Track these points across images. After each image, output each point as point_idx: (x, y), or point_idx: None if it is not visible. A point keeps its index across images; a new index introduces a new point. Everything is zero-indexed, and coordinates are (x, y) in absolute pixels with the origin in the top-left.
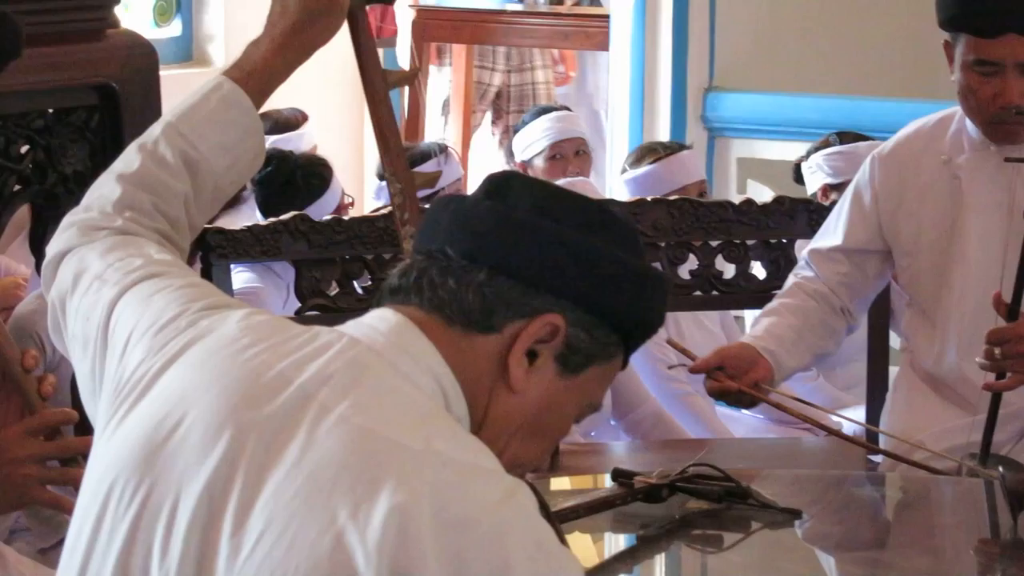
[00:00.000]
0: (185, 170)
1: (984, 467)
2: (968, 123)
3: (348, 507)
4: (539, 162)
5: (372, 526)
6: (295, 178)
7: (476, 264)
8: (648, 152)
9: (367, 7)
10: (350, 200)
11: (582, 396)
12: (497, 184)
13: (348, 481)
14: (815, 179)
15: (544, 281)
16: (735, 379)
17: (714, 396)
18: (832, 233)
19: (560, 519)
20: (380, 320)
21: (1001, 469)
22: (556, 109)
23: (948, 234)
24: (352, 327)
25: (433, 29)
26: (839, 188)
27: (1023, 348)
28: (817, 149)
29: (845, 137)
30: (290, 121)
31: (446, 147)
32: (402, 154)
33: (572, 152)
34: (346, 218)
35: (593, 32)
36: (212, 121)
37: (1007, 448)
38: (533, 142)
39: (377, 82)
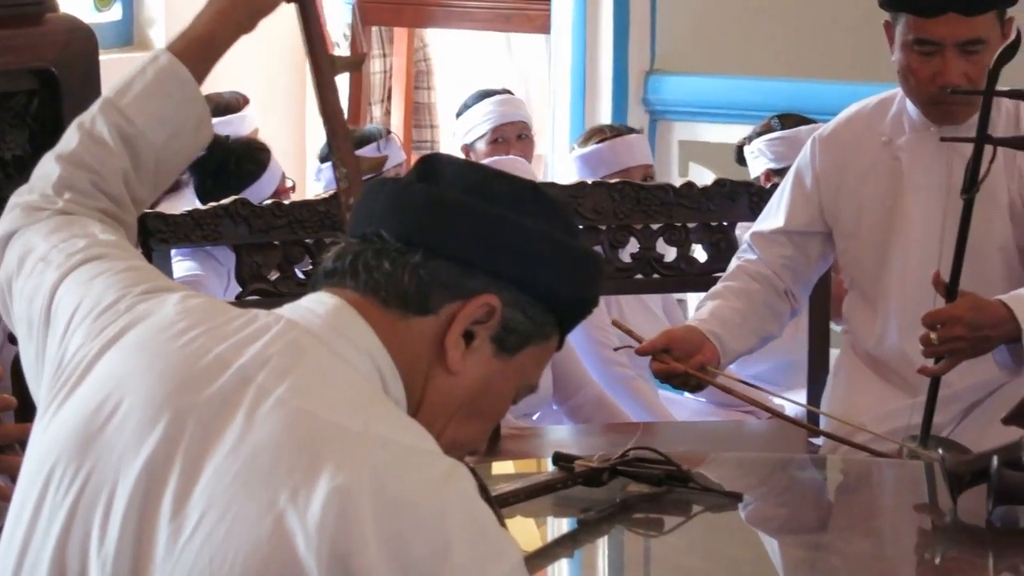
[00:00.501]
0: (122, 145)
1: (924, 449)
2: (908, 104)
3: (288, 489)
4: (481, 146)
5: (312, 508)
6: (228, 162)
7: (411, 246)
8: (597, 132)
9: None
10: (291, 184)
11: (519, 377)
12: (429, 166)
13: (287, 463)
14: (757, 164)
15: (479, 262)
16: (681, 361)
17: (660, 378)
18: (774, 216)
19: (501, 503)
20: (317, 303)
21: (941, 451)
22: (499, 92)
23: (888, 215)
24: (289, 310)
25: (376, 13)
26: (782, 173)
27: (958, 331)
28: (759, 133)
29: (787, 121)
30: (231, 104)
31: (388, 131)
32: (349, 139)
33: (514, 136)
34: (286, 202)
35: (534, 15)
36: (148, 94)
37: (947, 430)
38: (475, 126)
39: (325, 68)
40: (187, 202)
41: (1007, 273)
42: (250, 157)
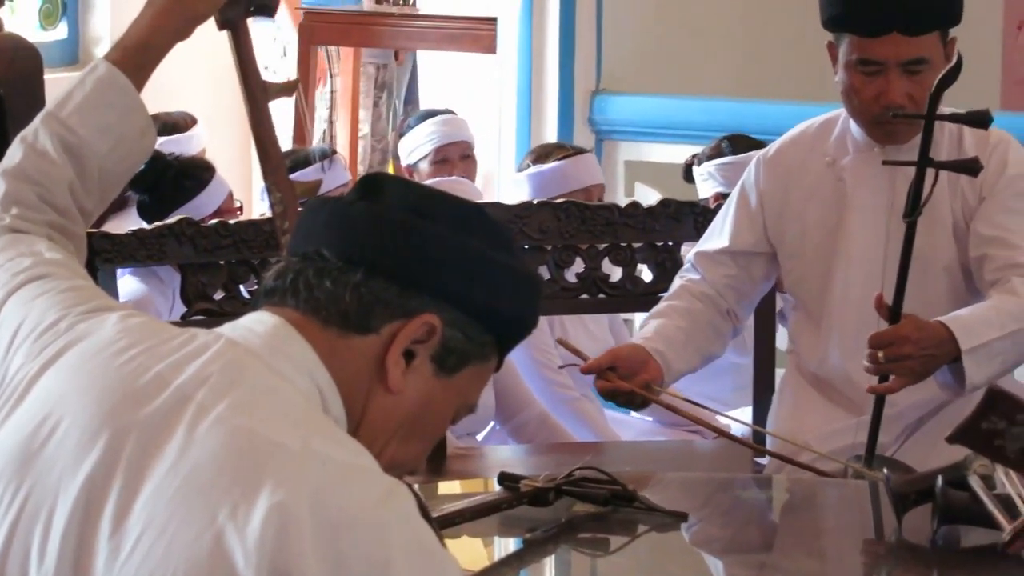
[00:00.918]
0: (66, 156)
1: (869, 468)
2: (852, 125)
3: (227, 507)
4: (424, 166)
5: (251, 525)
6: (166, 179)
7: (352, 265)
8: (556, 149)
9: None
10: (239, 205)
11: (458, 396)
12: (371, 185)
13: (227, 481)
14: (707, 186)
15: (420, 281)
16: (626, 379)
17: (605, 396)
18: (718, 235)
19: (447, 523)
20: (257, 322)
21: (886, 471)
22: (442, 113)
23: (832, 236)
24: (229, 329)
25: (321, 32)
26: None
27: (905, 350)
28: (710, 156)
29: (737, 144)
30: (178, 124)
31: (332, 151)
32: (282, 164)
33: (458, 156)
34: (231, 222)
35: (481, 35)
36: (89, 104)
37: (892, 450)
38: (418, 146)
39: (258, 94)
40: (134, 220)
41: (952, 292)
42: (188, 174)
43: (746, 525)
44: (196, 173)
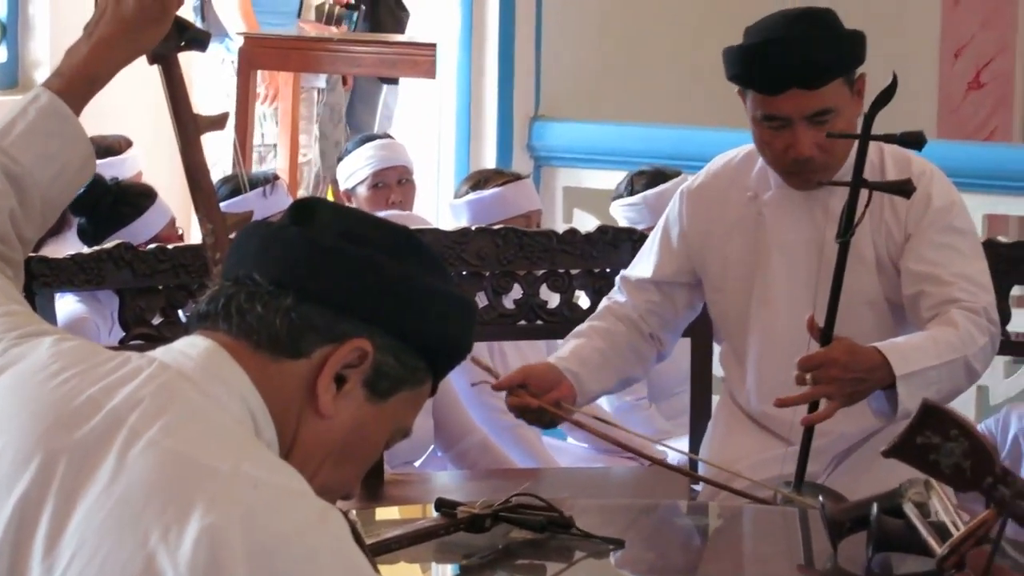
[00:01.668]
0: (8, 185)
1: (799, 495)
2: None
3: (159, 529)
4: (362, 190)
5: (183, 548)
6: (103, 203)
7: (283, 289)
8: (495, 175)
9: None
10: (180, 232)
11: (391, 421)
12: (303, 210)
13: (159, 504)
14: (624, 223)
15: (352, 306)
16: (537, 397)
17: (515, 412)
18: (643, 264)
19: (383, 549)
20: (190, 346)
21: (821, 498)
22: (380, 137)
23: (753, 271)
24: (162, 353)
25: (260, 57)
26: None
27: (833, 372)
28: (615, 197)
29: (637, 181)
30: (112, 147)
31: (276, 177)
32: (213, 195)
33: (395, 181)
34: (170, 247)
35: (420, 60)
36: (32, 133)
37: (821, 477)
38: (356, 170)
39: (189, 127)
40: (71, 244)
41: (878, 326)
42: (126, 200)
43: (682, 551)
44: (134, 199)
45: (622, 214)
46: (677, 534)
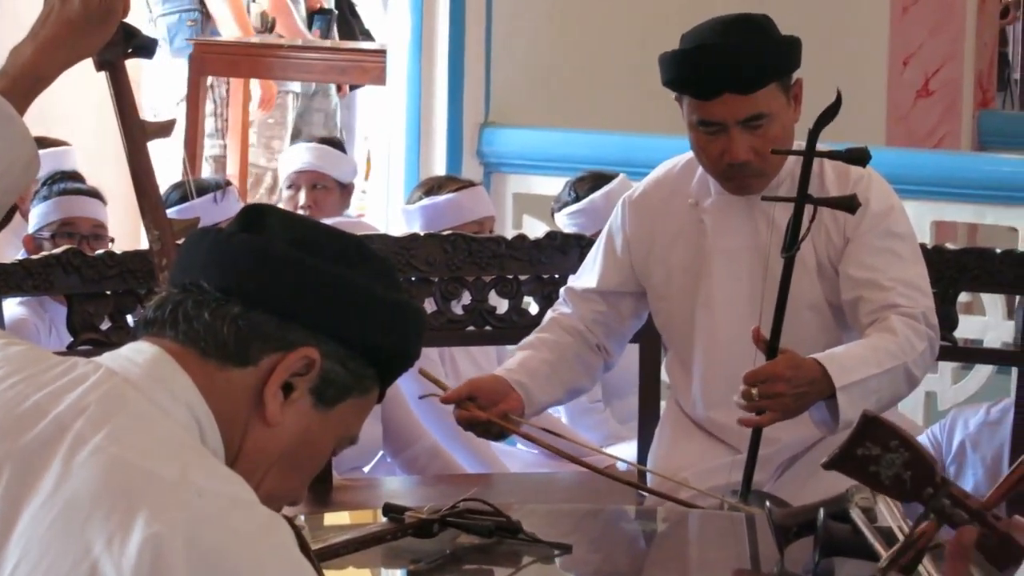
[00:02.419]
0: None
1: (745, 503)
2: None
3: (103, 537)
4: (285, 192)
5: (127, 556)
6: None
7: (231, 297)
8: (448, 181)
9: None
10: (111, 239)
11: (338, 429)
12: (253, 216)
13: (103, 511)
14: (569, 230)
15: (299, 314)
16: (485, 410)
17: (463, 426)
18: (588, 274)
19: (331, 555)
20: (136, 352)
21: (768, 504)
22: (314, 141)
23: (696, 278)
24: (109, 359)
25: (211, 64)
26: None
27: (779, 388)
28: (560, 206)
29: (581, 185)
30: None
31: (227, 183)
32: (159, 202)
33: (308, 185)
34: (119, 252)
35: (370, 67)
36: None
37: (767, 485)
38: (285, 172)
39: (136, 132)
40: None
41: (822, 331)
42: None
43: (629, 556)
44: None
45: (568, 223)
46: (624, 539)
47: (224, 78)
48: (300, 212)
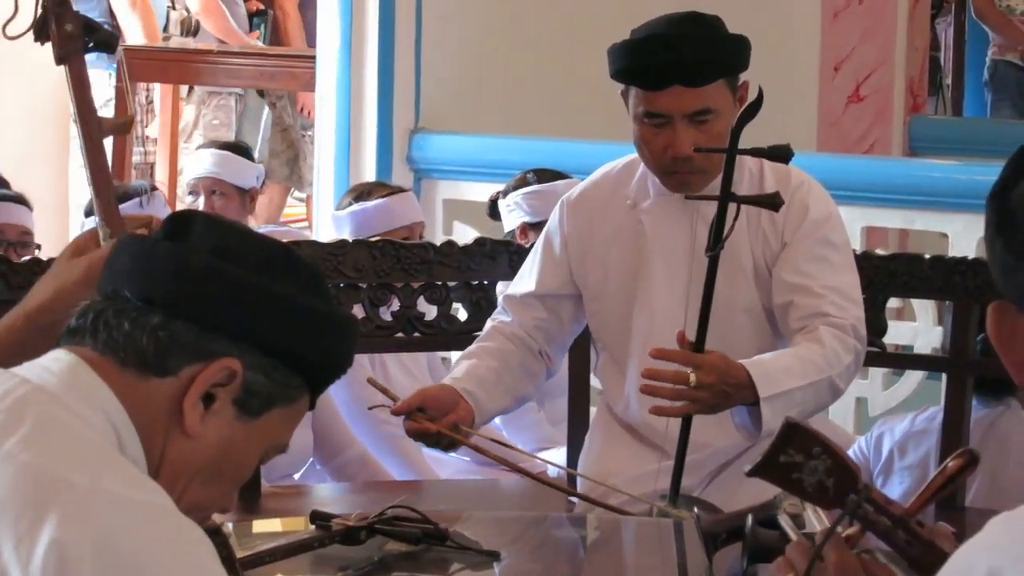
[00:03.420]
0: None
1: (675, 508)
2: None
3: (11, 542)
4: (189, 197)
5: (34, 563)
6: None
7: (152, 306)
8: (377, 187)
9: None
10: (38, 245)
11: (265, 439)
12: (178, 224)
13: (12, 516)
14: (513, 217)
15: (221, 325)
16: (435, 420)
17: (413, 437)
18: (526, 279)
19: (258, 562)
20: (54, 361)
21: (696, 510)
22: (223, 146)
23: (633, 279)
24: (25, 368)
25: (141, 69)
26: (537, 227)
27: (711, 378)
28: (516, 187)
29: (543, 175)
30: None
31: (153, 187)
32: (113, 200)
33: (207, 191)
34: (45, 259)
35: (299, 73)
36: None
37: (697, 490)
38: (188, 176)
39: (93, 129)
40: None
41: (755, 334)
42: None
43: (558, 563)
44: None
45: (521, 204)
46: (554, 546)
47: (144, 85)
48: None
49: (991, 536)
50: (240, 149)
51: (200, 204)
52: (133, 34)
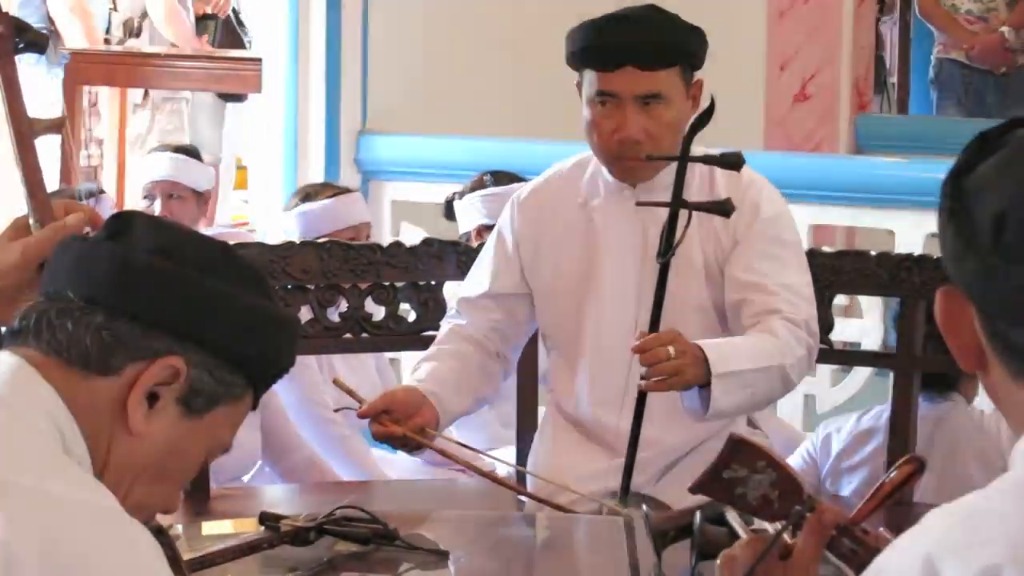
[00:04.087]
0: None
1: (625, 507)
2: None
3: None
4: (142, 203)
5: None
6: None
7: (95, 306)
8: (324, 187)
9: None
10: None
11: (209, 438)
12: (119, 224)
13: None
14: (470, 219)
15: (164, 323)
16: (401, 423)
17: (379, 440)
18: (480, 280)
19: (207, 563)
20: None
21: (645, 508)
22: (174, 149)
23: (584, 278)
24: None
25: (86, 73)
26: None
27: (685, 344)
28: (473, 188)
29: (500, 178)
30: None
31: (101, 190)
32: (48, 202)
33: (164, 195)
34: None
35: (246, 75)
36: None
37: (647, 488)
38: (141, 181)
39: (25, 130)
40: None
41: (706, 332)
42: None
43: (508, 563)
44: None
45: (478, 205)
46: (504, 545)
47: (89, 88)
48: None
49: (929, 527)
50: (194, 152)
51: (156, 208)
52: (74, 38)
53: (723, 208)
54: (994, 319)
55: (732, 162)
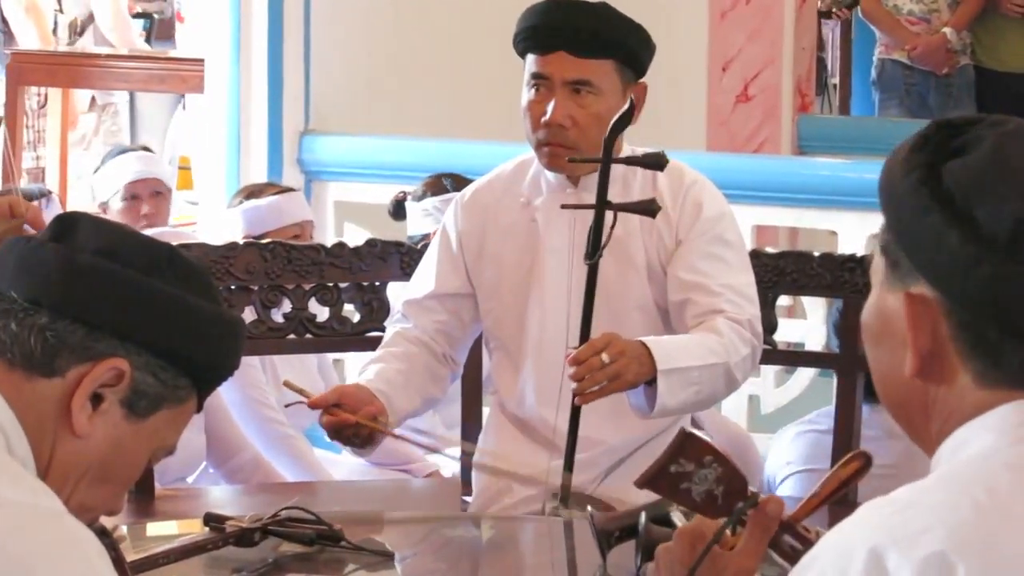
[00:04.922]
0: None
1: (567, 507)
2: None
3: None
4: (116, 203)
5: None
6: None
7: (39, 307)
8: (267, 186)
9: None
10: None
11: (153, 440)
12: (64, 225)
13: None
14: (426, 223)
15: (108, 325)
16: (352, 414)
17: (331, 433)
18: (425, 280)
19: (151, 564)
20: None
21: (590, 508)
22: (135, 149)
23: (527, 277)
24: None
25: (29, 73)
26: None
27: (621, 346)
28: (434, 193)
29: (460, 182)
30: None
31: (48, 192)
32: None
33: (148, 193)
34: None
35: (188, 76)
36: None
37: (591, 487)
38: (110, 183)
39: None
40: None
41: (648, 332)
42: None
43: (454, 563)
44: None
45: (442, 209)
46: (448, 546)
47: (33, 89)
48: (142, 222)
49: (866, 519)
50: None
51: (144, 207)
52: (28, 39)
53: (649, 208)
54: (984, 326)
55: (654, 163)
